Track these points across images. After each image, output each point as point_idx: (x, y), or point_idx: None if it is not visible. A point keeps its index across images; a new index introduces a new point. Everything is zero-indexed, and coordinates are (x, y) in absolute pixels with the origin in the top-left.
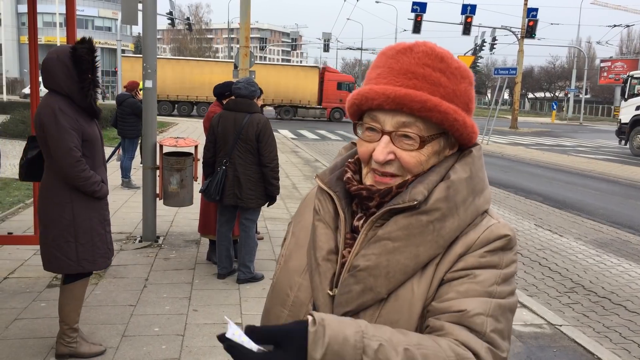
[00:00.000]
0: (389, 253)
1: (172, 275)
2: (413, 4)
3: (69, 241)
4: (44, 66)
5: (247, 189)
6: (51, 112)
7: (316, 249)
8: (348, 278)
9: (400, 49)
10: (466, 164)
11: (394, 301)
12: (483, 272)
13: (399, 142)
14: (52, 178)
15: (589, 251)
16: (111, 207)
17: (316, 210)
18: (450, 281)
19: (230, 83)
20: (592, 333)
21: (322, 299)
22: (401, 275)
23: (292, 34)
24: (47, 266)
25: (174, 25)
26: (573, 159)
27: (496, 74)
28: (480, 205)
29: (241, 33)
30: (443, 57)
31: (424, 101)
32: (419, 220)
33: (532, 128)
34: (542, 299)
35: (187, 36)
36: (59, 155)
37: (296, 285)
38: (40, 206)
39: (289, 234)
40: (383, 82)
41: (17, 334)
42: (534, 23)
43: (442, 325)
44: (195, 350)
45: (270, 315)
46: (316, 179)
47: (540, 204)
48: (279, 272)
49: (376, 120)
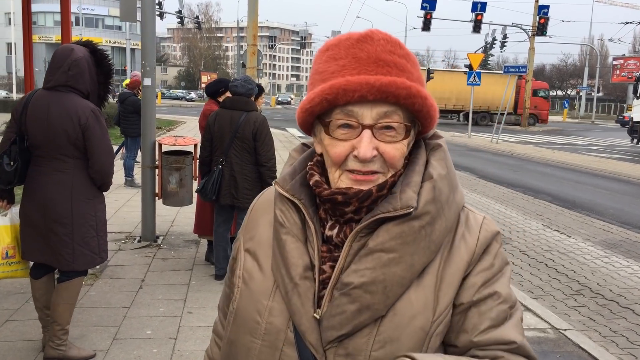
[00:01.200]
0: (385, 266)
1: (169, 276)
2: (423, 2)
3: (94, 236)
4: (75, 63)
5: (244, 189)
6: (91, 112)
7: (289, 266)
8: (340, 297)
9: (360, 38)
10: (441, 160)
11: (392, 316)
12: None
13: (380, 136)
14: (80, 176)
15: (598, 252)
16: (113, 206)
17: (280, 222)
18: (477, 305)
19: (222, 80)
20: (598, 338)
21: (307, 324)
22: (399, 289)
23: (302, 33)
24: (71, 265)
25: (183, 24)
26: (584, 158)
27: (506, 72)
28: (459, 201)
29: (249, 31)
30: (400, 44)
31: (408, 87)
32: (412, 226)
33: (543, 127)
34: (548, 302)
35: (197, 35)
36: (103, 153)
37: (266, 310)
38: (62, 206)
39: (240, 251)
40: (354, 73)
41: (7, 336)
42: (545, 20)
43: (503, 356)
44: (186, 355)
45: (237, 347)
46: (275, 186)
47: (549, 203)
48: (240, 296)
49: (352, 115)
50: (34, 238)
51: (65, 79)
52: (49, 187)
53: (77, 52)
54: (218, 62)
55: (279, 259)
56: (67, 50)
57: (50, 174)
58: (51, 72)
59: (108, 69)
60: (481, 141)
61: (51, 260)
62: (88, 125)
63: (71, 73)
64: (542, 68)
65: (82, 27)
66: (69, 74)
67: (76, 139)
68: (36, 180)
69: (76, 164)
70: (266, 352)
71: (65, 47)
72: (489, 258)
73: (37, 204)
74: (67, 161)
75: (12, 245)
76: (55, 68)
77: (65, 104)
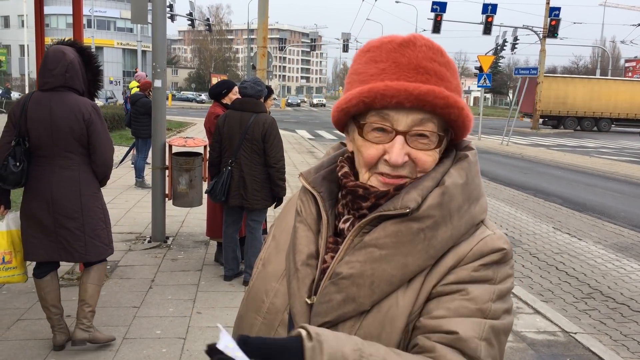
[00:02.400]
0: (375, 261)
1: (178, 277)
2: (433, 4)
3: (103, 228)
4: (70, 65)
5: (253, 190)
6: (93, 109)
7: (296, 252)
8: (329, 286)
9: (402, 42)
10: (462, 169)
11: (376, 313)
12: (476, 287)
13: (413, 142)
14: (85, 172)
15: (609, 255)
16: (123, 207)
17: (298, 211)
18: (440, 296)
19: (224, 82)
20: (608, 341)
21: (299, 307)
22: (386, 286)
23: (312, 35)
24: (85, 257)
25: (194, 26)
26: (595, 161)
27: (517, 74)
28: (476, 214)
29: (259, 33)
30: (442, 51)
31: (446, 97)
32: (409, 227)
33: (554, 129)
34: (558, 305)
35: (207, 37)
36: (106, 148)
37: (272, 291)
38: (71, 202)
39: (270, 236)
40: (393, 78)
41: (17, 334)
42: (557, 22)
43: (434, 347)
44: (195, 354)
45: (244, 322)
46: (300, 178)
47: (559, 206)
48: (257, 276)
49: (387, 119)
50: (38, 238)
51: (64, 81)
52: (57, 185)
53: (69, 54)
54: (228, 64)
55: (290, 245)
56: (59, 52)
57: (57, 172)
58: (46, 74)
59: (96, 67)
60: (491, 143)
61: (61, 256)
62: (91, 121)
63: (68, 75)
64: (554, 70)
65: (93, 30)
66: (66, 75)
67: (81, 135)
68: (41, 179)
69: (81, 160)
70: (264, 330)
71: (57, 49)
72: (475, 263)
73: (44, 202)
74: (72, 158)
75: (8, 250)
76: (49, 70)
77: (67, 103)
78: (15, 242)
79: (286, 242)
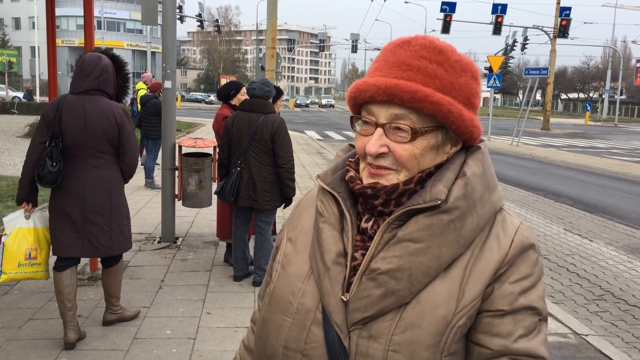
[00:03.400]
0: (411, 255)
1: (188, 277)
2: (442, 4)
3: (126, 224)
4: (105, 69)
5: (262, 191)
6: (124, 112)
7: (324, 252)
8: (366, 282)
9: (399, 43)
10: (478, 160)
11: (415, 304)
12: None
13: (392, 135)
14: (115, 171)
15: (620, 257)
16: (133, 207)
17: (319, 212)
18: (514, 313)
19: (232, 83)
20: (620, 343)
21: (335, 305)
22: (424, 278)
23: (320, 35)
24: (110, 251)
25: (203, 27)
26: (606, 162)
27: (527, 74)
28: (496, 201)
29: (268, 34)
30: (442, 50)
31: (413, 91)
32: (440, 219)
33: (565, 129)
34: (569, 307)
35: (217, 38)
36: (133, 149)
37: (299, 292)
38: (102, 199)
39: (283, 240)
40: (378, 75)
41: (29, 334)
42: (567, 22)
43: None
44: (205, 355)
45: (270, 324)
46: (317, 180)
47: (570, 207)
48: (277, 279)
49: (371, 113)
50: (66, 234)
51: (97, 84)
52: (90, 183)
53: (104, 60)
54: (237, 65)
55: (315, 245)
56: (95, 57)
57: (90, 170)
58: (81, 78)
59: (126, 74)
60: (501, 144)
61: (86, 252)
62: (123, 123)
63: (102, 78)
64: (564, 70)
65: (104, 31)
66: (100, 79)
67: (112, 137)
68: (73, 178)
69: (111, 160)
70: (295, 330)
71: (93, 55)
72: (526, 266)
73: (76, 199)
74: (103, 158)
75: (34, 247)
76: (85, 74)
77: (101, 106)
78: (40, 240)
79: (305, 243)
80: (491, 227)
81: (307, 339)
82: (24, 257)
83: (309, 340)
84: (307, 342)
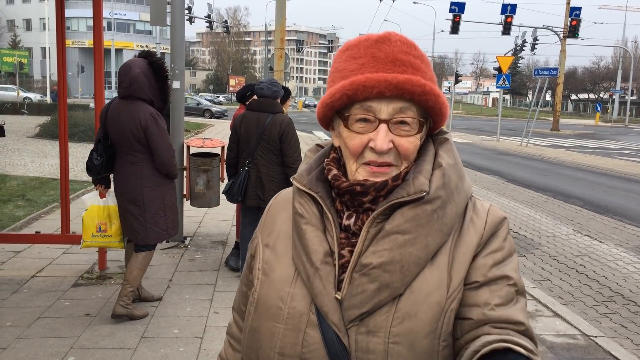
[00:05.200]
0: (401, 246)
1: (195, 277)
2: (451, 4)
3: (162, 216)
4: (134, 79)
5: (270, 190)
6: (150, 116)
7: (310, 253)
8: (359, 277)
9: (378, 39)
10: (449, 151)
11: (409, 294)
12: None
13: (396, 130)
14: (148, 167)
15: (630, 258)
16: None
17: (299, 214)
18: (489, 284)
19: (249, 85)
20: (629, 345)
21: (330, 304)
22: (415, 268)
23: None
24: (144, 240)
25: (212, 28)
26: (616, 162)
27: (536, 75)
28: (467, 189)
29: (276, 35)
30: (415, 46)
31: (423, 85)
32: (425, 210)
33: (575, 130)
34: (578, 308)
35: (225, 39)
36: (163, 149)
37: (288, 296)
38: (135, 191)
39: (259, 247)
40: (372, 71)
41: (38, 332)
42: (577, 22)
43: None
44: (212, 354)
45: (261, 333)
46: (294, 182)
47: (580, 208)
48: (261, 286)
49: (370, 110)
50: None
51: (129, 92)
52: (126, 177)
53: (134, 69)
54: (246, 66)
55: (299, 247)
56: (126, 67)
57: (127, 166)
58: (119, 85)
59: (164, 76)
60: (510, 145)
61: (128, 234)
62: (147, 127)
63: (132, 88)
64: (574, 71)
65: (113, 32)
66: (130, 89)
67: (140, 138)
68: (117, 171)
69: (144, 158)
70: (289, 335)
71: (125, 65)
72: (497, 241)
73: (118, 188)
74: (137, 155)
75: (104, 221)
76: (120, 82)
77: (130, 110)
78: (112, 215)
79: (286, 247)
80: (465, 213)
81: (304, 343)
82: (95, 230)
83: (306, 343)
84: (304, 346)
